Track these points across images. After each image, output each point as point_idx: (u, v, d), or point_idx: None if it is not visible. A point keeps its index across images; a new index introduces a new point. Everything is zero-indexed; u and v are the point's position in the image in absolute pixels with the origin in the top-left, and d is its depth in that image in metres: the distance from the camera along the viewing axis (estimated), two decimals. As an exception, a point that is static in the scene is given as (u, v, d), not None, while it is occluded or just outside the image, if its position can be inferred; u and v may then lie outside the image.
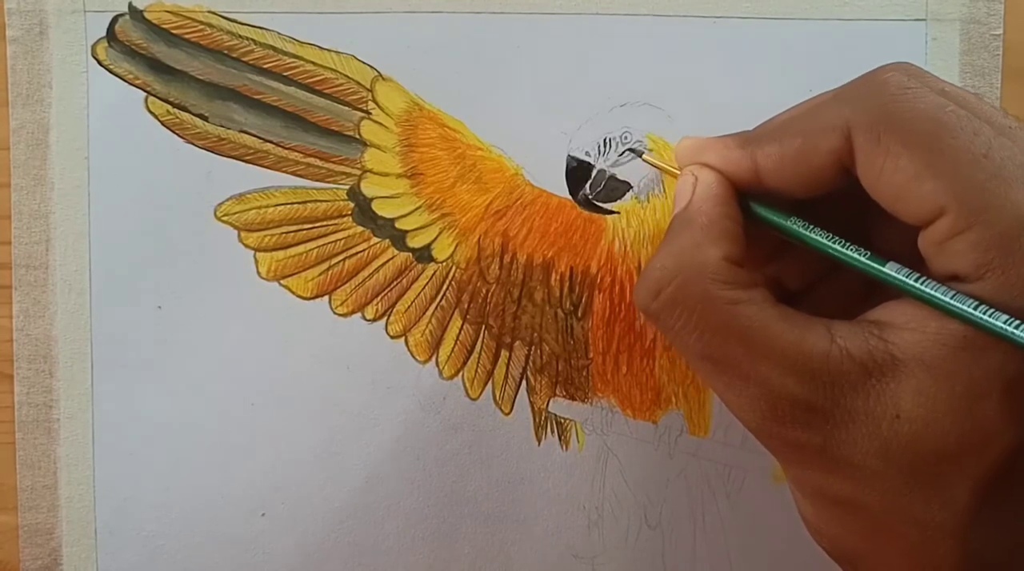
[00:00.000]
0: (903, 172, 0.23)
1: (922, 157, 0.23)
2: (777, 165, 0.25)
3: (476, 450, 0.35)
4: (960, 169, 0.22)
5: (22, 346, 0.34)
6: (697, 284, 0.24)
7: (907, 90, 0.24)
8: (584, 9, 0.35)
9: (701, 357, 0.25)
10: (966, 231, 0.22)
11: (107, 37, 0.34)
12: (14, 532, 0.35)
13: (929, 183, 0.22)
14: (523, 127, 0.35)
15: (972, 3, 0.35)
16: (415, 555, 0.35)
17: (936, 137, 0.23)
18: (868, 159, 0.23)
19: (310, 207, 0.35)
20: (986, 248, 0.22)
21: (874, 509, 0.23)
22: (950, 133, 0.23)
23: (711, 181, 0.26)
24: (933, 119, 0.23)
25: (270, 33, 0.34)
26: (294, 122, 0.34)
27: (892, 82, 0.24)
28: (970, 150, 0.22)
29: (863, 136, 0.23)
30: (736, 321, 0.24)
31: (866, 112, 0.24)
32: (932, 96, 0.23)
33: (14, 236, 0.34)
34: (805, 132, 0.25)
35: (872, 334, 0.23)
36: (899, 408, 0.22)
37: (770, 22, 0.35)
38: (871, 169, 0.23)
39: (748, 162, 0.26)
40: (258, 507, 0.35)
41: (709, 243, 0.25)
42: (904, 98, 0.23)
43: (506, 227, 0.35)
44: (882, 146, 0.23)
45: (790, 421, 0.23)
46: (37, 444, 0.34)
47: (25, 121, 0.34)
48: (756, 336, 0.24)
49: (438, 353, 0.35)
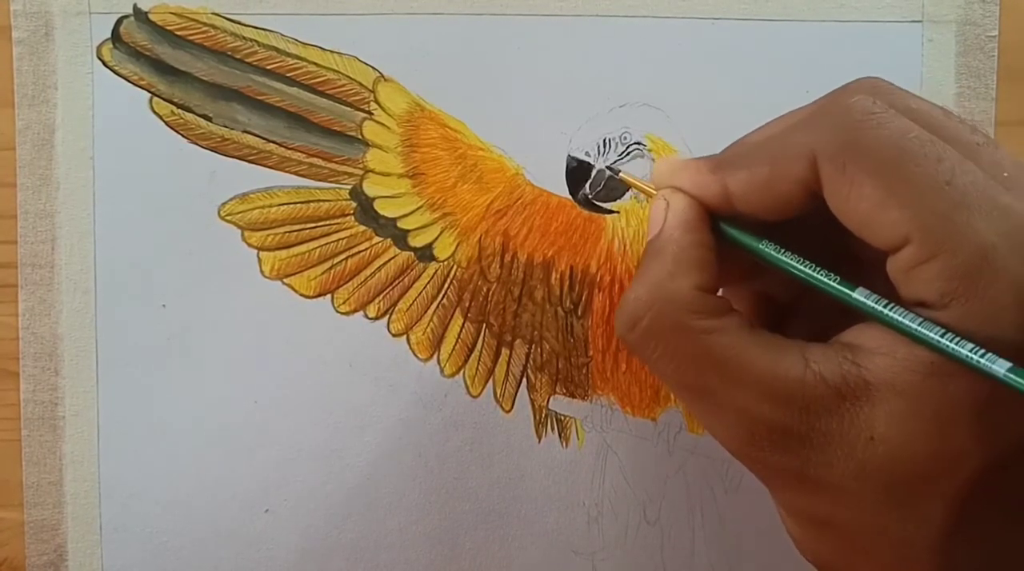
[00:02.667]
0: (868, 200, 0.23)
1: (885, 186, 0.23)
2: (746, 191, 0.25)
3: (477, 447, 0.35)
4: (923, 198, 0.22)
5: (28, 344, 0.34)
6: (670, 315, 0.24)
7: (871, 115, 0.23)
8: (584, 11, 0.35)
9: (679, 386, 0.25)
10: (930, 260, 0.22)
11: (112, 38, 0.34)
12: (20, 528, 0.35)
13: (893, 212, 0.22)
14: (524, 127, 0.35)
15: (968, 5, 0.35)
16: (417, 551, 0.35)
17: (899, 166, 0.23)
18: (834, 187, 0.23)
19: (313, 207, 0.35)
20: (949, 277, 0.22)
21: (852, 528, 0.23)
22: (913, 161, 0.23)
23: (682, 206, 0.26)
24: (896, 147, 0.23)
25: (273, 34, 0.35)
26: (297, 122, 0.35)
27: (856, 108, 0.24)
28: (934, 178, 0.22)
29: (828, 165, 0.23)
30: (710, 350, 0.24)
31: (830, 141, 0.24)
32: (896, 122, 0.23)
33: (20, 235, 0.34)
34: (772, 159, 0.25)
35: (845, 358, 0.23)
36: (873, 431, 0.22)
37: (768, 23, 0.35)
38: (837, 196, 0.24)
39: (718, 187, 0.26)
40: (261, 503, 0.35)
41: (681, 273, 0.25)
42: (867, 125, 0.23)
43: (507, 226, 0.35)
44: (847, 175, 0.23)
45: (768, 446, 0.24)
46: (43, 441, 0.35)
47: (31, 121, 0.34)
48: (730, 365, 0.24)
49: (439, 351, 0.35)
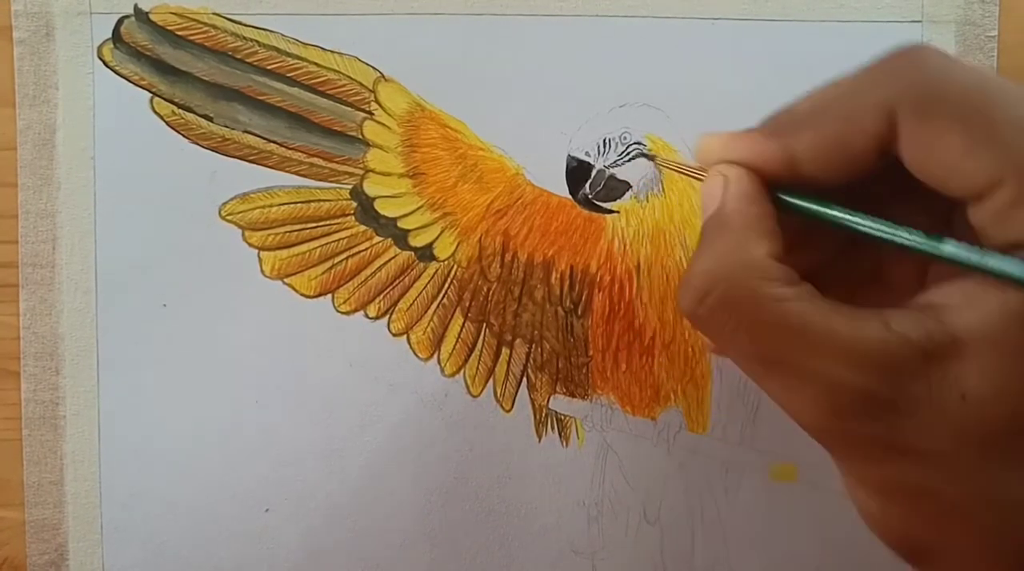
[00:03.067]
0: (954, 148, 0.22)
1: (974, 130, 0.22)
2: (815, 153, 0.24)
3: (477, 447, 0.35)
4: (1015, 139, 0.22)
5: (29, 344, 0.34)
6: (745, 285, 0.24)
7: (949, 63, 0.23)
8: (584, 11, 0.35)
9: (755, 359, 0.24)
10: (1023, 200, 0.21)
11: (113, 39, 0.34)
12: (21, 528, 0.35)
13: (983, 156, 0.22)
14: (524, 128, 0.35)
15: (968, 5, 0.35)
16: (417, 550, 0.35)
17: (985, 110, 0.22)
18: (916, 138, 0.23)
19: (313, 206, 0.35)
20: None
21: (947, 494, 0.23)
22: (998, 104, 0.22)
23: (743, 179, 0.25)
24: (980, 91, 0.22)
25: (274, 35, 0.35)
26: (298, 122, 0.35)
27: (931, 59, 0.23)
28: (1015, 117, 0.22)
29: (910, 116, 0.23)
30: (789, 318, 0.23)
31: (909, 92, 0.23)
32: (972, 70, 0.23)
33: (21, 235, 0.34)
34: (844, 116, 0.24)
35: (928, 318, 0.22)
36: (965, 388, 0.22)
37: (768, 24, 0.35)
38: (919, 148, 0.23)
39: (782, 153, 0.25)
40: (262, 503, 0.35)
41: (752, 243, 0.24)
42: (948, 73, 0.23)
43: (507, 226, 0.35)
44: (931, 124, 0.23)
45: (852, 415, 0.23)
46: (44, 441, 0.35)
47: (32, 121, 0.34)
48: (810, 332, 0.23)
49: (440, 351, 0.35)
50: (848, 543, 0.36)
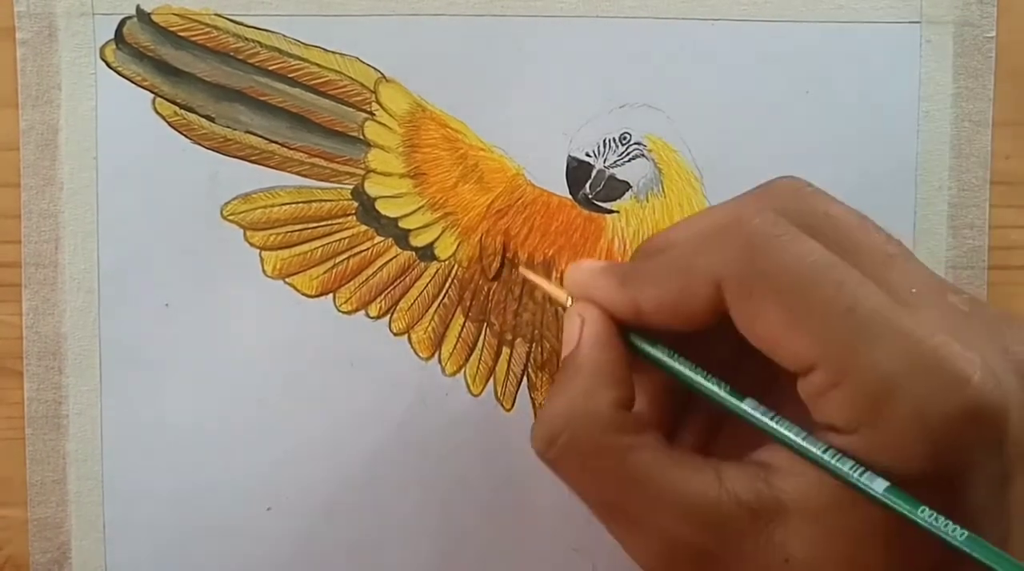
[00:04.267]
0: (773, 325, 0.23)
1: (789, 312, 0.23)
2: (658, 308, 0.25)
3: (478, 446, 0.36)
4: (826, 325, 0.22)
5: (32, 343, 0.35)
6: (590, 434, 0.24)
7: (773, 238, 0.23)
8: (584, 12, 0.35)
9: (598, 504, 0.25)
10: (836, 388, 0.22)
11: (115, 39, 0.34)
12: (23, 526, 0.35)
13: (798, 339, 0.23)
14: (524, 128, 0.35)
15: (966, 6, 0.35)
16: (418, 549, 0.36)
17: (801, 292, 0.23)
18: (740, 311, 0.24)
19: (315, 206, 0.35)
20: (853, 406, 0.22)
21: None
22: (815, 287, 0.23)
23: (597, 322, 0.26)
24: (797, 272, 0.23)
25: (275, 35, 0.35)
26: (299, 123, 0.35)
27: (758, 231, 0.24)
28: (835, 304, 0.22)
29: (732, 290, 0.24)
30: (629, 469, 0.24)
31: (733, 266, 0.24)
32: (798, 244, 0.23)
33: (24, 235, 0.34)
34: (680, 279, 0.25)
35: (759, 478, 0.23)
36: (788, 552, 0.22)
37: (767, 24, 0.35)
38: (743, 320, 0.24)
39: (630, 303, 0.26)
40: (264, 502, 0.35)
41: (599, 390, 0.25)
42: (769, 249, 0.23)
43: (507, 226, 0.36)
44: (752, 301, 0.23)
45: (686, 567, 0.24)
46: (46, 440, 0.35)
47: (34, 122, 0.34)
48: (649, 484, 0.24)
49: (440, 350, 0.36)
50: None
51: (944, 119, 0.36)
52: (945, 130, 0.36)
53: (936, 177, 0.36)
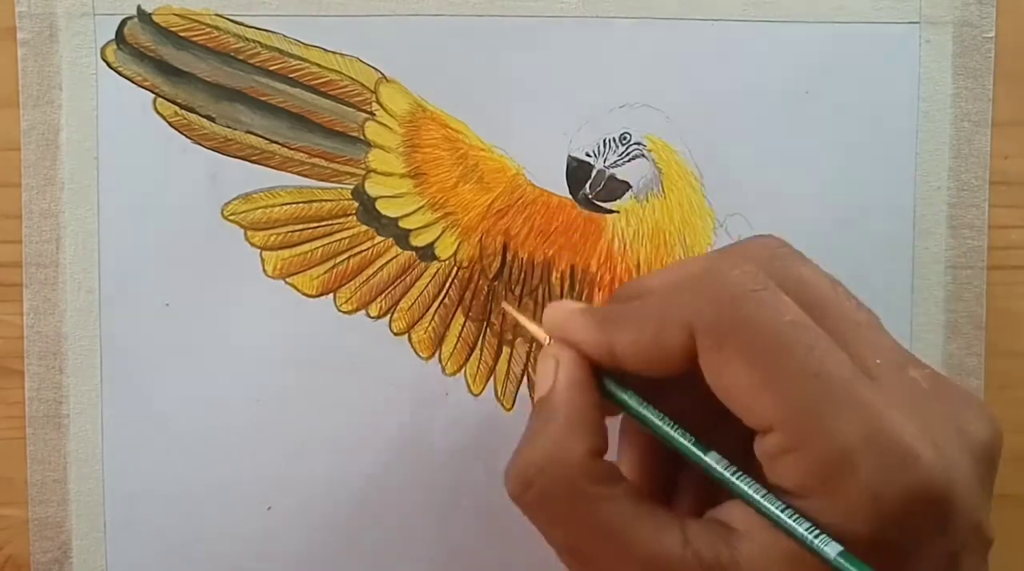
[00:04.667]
0: (739, 380, 0.23)
1: (756, 370, 0.23)
2: (633, 353, 0.25)
3: (478, 445, 0.36)
4: (790, 389, 0.22)
5: (32, 343, 0.35)
6: (564, 480, 0.24)
7: (750, 293, 0.24)
8: (584, 12, 0.35)
9: (566, 550, 0.25)
10: (791, 452, 0.22)
11: (116, 40, 0.35)
12: (24, 526, 0.35)
13: (761, 398, 0.23)
14: (524, 128, 0.35)
15: (965, 6, 0.35)
16: (418, 548, 0.36)
17: (770, 352, 0.23)
18: (708, 361, 0.24)
19: (315, 206, 0.35)
20: (807, 472, 0.22)
21: None
22: (785, 348, 0.23)
23: (572, 365, 0.26)
24: (769, 332, 0.23)
25: (276, 36, 0.35)
26: (299, 123, 0.35)
27: (735, 282, 0.24)
28: (803, 368, 0.22)
29: (704, 339, 0.24)
30: (600, 519, 0.24)
31: (707, 315, 0.24)
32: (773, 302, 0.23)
33: (25, 235, 0.35)
34: (655, 324, 0.25)
35: (719, 538, 0.23)
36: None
37: (767, 25, 0.36)
38: (711, 371, 0.24)
39: (606, 347, 0.26)
40: (264, 501, 0.35)
41: (574, 437, 0.25)
42: (744, 303, 0.23)
43: (508, 226, 0.36)
44: (721, 353, 0.23)
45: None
46: (47, 439, 0.35)
47: (36, 122, 0.34)
48: (617, 537, 0.24)
49: (441, 350, 0.36)
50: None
51: (943, 119, 0.36)
52: (944, 130, 0.36)
53: (935, 177, 0.36)
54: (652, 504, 0.25)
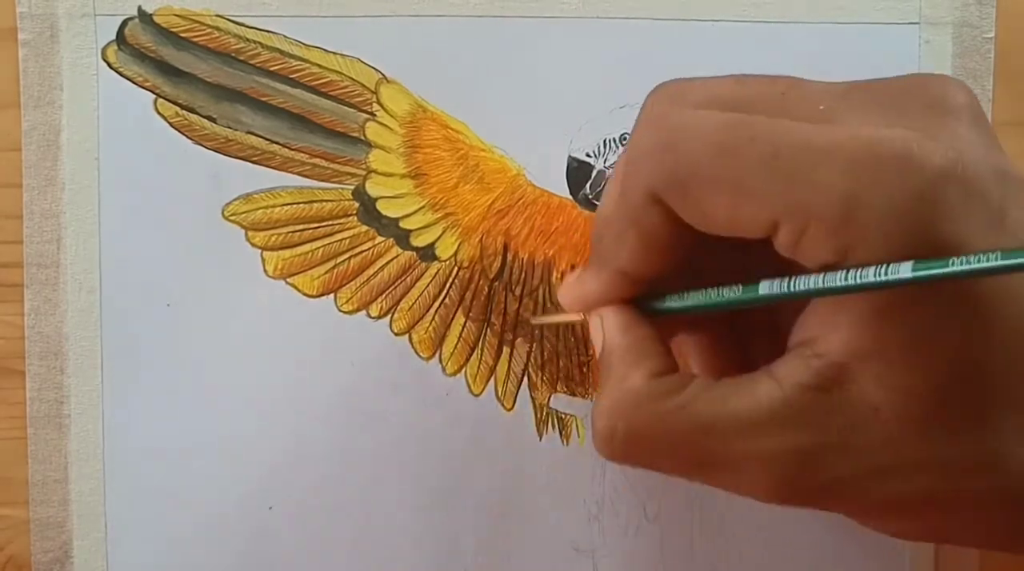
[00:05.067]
0: (720, 208, 0.23)
1: (726, 189, 0.23)
2: (636, 262, 0.25)
3: (478, 445, 0.36)
4: (760, 183, 0.22)
5: (33, 343, 0.35)
6: (639, 413, 0.24)
7: (675, 131, 0.23)
8: (584, 13, 0.35)
9: (689, 468, 0.25)
10: (805, 234, 0.22)
11: (117, 40, 0.35)
12: (25, 526, 0.35)
13: (744, 209, 0.23)
14: (525, 128, 0.35)
15: (964, 7, 0.36)
16: (418, 548, 0.36)
17: (724, 165, 0.23)
18: (687, 211, 0.24)
19: (316, 207, 0.35)
20: (827, 238, 0.22)
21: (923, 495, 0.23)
22: (733, 153, 0.22)
23: (611, 315, 0.26)
24: (712, 147, 0.23)
25: (277, 36, 0.35)
26: (300, 124, 0.35)
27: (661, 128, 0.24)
28: (759, 160, 0.22)
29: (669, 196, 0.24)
30: (693, 423, 0.24)
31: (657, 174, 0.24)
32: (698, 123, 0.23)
33: (26, 235, 0.35)
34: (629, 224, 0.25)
35: (806, 356, 0.23)
36: (873, 403, 0.22)
37: (767, 25, 0.36)
38: (694, 217, 0.24)
39: (617, 278, 0.26)
40: (265, 501, 0.35)
41: (631, 372, 0.25)
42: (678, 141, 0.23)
43: (508, 226, 0.36)
44: (691, 197, 0.23)
45: (797, 476, 0.23)
46: (48, 439, 0.35)
47: (36, 123, 0.34)
48: (718, 425, 0.23)
49: (441, 350, 0.36)
50: (850, 541, 0.36)
51: (943, 120, 0.36)
52: (944, 130, 0.36)
53: (935, 177, 0.36)
54: (729, 379, 0.24)
